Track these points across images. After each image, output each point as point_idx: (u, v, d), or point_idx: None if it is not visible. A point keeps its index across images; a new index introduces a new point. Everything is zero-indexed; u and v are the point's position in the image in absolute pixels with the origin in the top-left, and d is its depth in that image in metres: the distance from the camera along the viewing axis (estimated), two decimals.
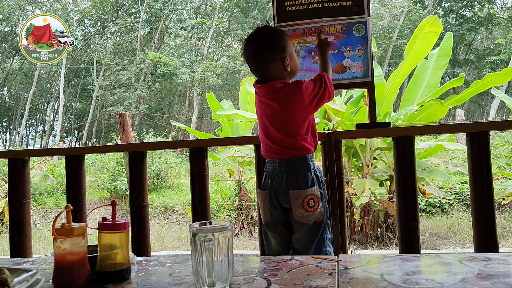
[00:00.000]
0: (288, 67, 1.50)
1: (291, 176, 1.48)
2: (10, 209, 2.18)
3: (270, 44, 1.49)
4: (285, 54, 1.49)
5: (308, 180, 1.47)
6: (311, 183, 1.47)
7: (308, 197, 1.46)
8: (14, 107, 26.48)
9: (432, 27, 4.10)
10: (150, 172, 8.90)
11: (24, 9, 21.55)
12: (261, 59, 1.50)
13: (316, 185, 1.47)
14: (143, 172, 2.05)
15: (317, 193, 1.47)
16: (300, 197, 1.45)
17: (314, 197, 1.46)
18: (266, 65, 1.50)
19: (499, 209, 5.86)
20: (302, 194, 1.45)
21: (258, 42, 1.51)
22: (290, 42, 1.54)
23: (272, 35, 1.51)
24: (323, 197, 1.49)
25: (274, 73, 1.50)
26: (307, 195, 1.45)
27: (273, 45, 1.49)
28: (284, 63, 1.49)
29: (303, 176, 1.47)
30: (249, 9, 24.08)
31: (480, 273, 0.90)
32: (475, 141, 1.69)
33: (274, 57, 1.48)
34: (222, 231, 0.87)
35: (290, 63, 1.50)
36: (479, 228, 1.68)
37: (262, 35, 1.51)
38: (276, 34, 1.51)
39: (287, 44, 1.51)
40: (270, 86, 1.50)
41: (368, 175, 4.59)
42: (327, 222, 1.50)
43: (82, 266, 0.93)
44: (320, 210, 1.47)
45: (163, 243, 5.41)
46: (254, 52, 1.51)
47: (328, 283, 0.87)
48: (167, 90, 24.15)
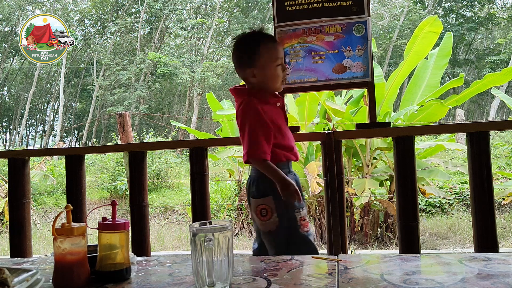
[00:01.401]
0: (254, 79, 1.50)
1: (251, 183, 1.53)
2: (10, 209, 2.18)
3: (240, 51, 1.52)
4: (252, 65, 1.48)
5: (260, 189, 1.49)
6: (264, 193, 1.47)
7: (260, 206, 1.47)
8: (14, 107, 26.48)
9: (432, 27, 4.09)
10: (150, 172, 8.90)
11: (24, 9, 21.55)
12: (234, 63, 1.55)
13: (270, 196, 1.46)
14: (143, 172, 2.05)
15: (270, 203, 1.46)
16: (254, 205, 1.49)
17: (266, 207, 1.46)
18: (237, 70, 1.55)
19: (499, 209, 5.86)
20: (255, 202, 1.49)
21: (235, 46, 1.55)
22: (269, 53, 1.49)
23: (247, 42, 1.52)
24: (281, 207, 1.46)
25: (244, 79, 1.55)
26: (259, 204, 1.48)
27: (243, 54, 1.51)
28: (247, 73, 1.50)
29: (257, 186, 1.50)
30: (249, 9, 24.08)
31: (480, 273, 0.90)
32: (475, 141, 1.69)
33: (240, 65, 1.52)
34: (222, 231, 0.87)
35: (258, 75, 1.49)
36: (479, 228, 1.67)
37: (241, 40, 1.54)
38: (253, 41, 1.51)
39: (260, 55, 1.48)
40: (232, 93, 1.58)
41: (368, 175, 4.59)
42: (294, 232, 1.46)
43: (82, 266, 0.93)
44: (273, 220, 1.45)
45: (163, 243, 5.41)
46: (232, 54, 1.57)
47: (328, 283, 0.87)
48: (167, 90, 24.15)
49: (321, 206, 4.84)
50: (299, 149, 5.08)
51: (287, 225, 1.46)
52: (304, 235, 1.48)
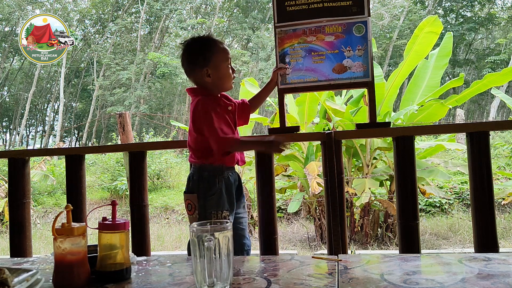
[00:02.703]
0: (209, 78, 1.57)
1: (187, 179, 1.64)
2: (10, 209, 2.18)
3: (193, 52, 1.58)
4: (205, 65, 1.55)
5: (189, 186, 1.60)
6: (191, 190, 1.58)
7: (187, 201, 1.59)
8: (14, 107, 26.47)
9: (432, 27, 4.09)
10: (150, 172, 8.89)
11: (24, 9, 21.54)
12: (186, 65, 1.62)
13: (195, 194, 1.56)
14: (143, 172, 2.05)
15: (194, 200, 1.56)
16: (184, 199, 1.61)
17: (191, 202, 1.57)
18: (189, 72, 1.61)
19: (499, 209, 5.86)
20: (184, 196, 1.61)
21: (186, 50, 1.61)
22: (220, 54, 1.58)
23: (199, 44, 1.59)
24: (202, 206, 1.54)
25: (196, 81, 1.61)
26: (186, 199, 1.59)
27: (196, 54, 1.58)
28: (202, 73, 1.56)
29: (188, 182, 1.62)
30: (249, 9, 24.07)
31: (480, 273, 0.90)
32: (475, 141, 1.69)
33: (194, 65, 1.58)
34: (222, 231, 0.87)
35: (213, 75, 1.56)
36: (479, 228, 1.68)
37: (190, 43, 1.61)
38: (204, 44, 1.58)
39: (213, 55, 1.56)
40: (188, 92, 1.64)
41: (368, 175, 4.59)
42: None
43: (82, 266, 0.93)
44: (195, 216, 1.55)
45: (163, 243, 5.41)
46: (182, 58, 1.62)
47: (328, 283, 0.87)
48: (167, 90, 24.13)
49: (321, 206, 4.84)
50: (299, 149, 5.08)
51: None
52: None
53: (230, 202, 1.58)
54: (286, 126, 1.92)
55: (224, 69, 1.58)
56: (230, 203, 1.59)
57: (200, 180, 1.56)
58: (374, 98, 1.83)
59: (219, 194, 1.56)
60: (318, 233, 4.96)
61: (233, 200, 1.60)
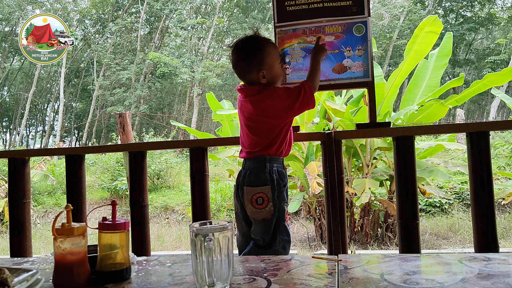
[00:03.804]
0: (264, 79, 1.58)
1: (248, 173, 1.60)
2: (10, 209, 2.18)
3: (248, 56, 1.58)
4: (261, 67, 1.56)
5: (260, 179, 1.57)
6: (263, 182, 1.56)
7: (257, 194, 1.56)
8: (14, 107, 26.47)
9: (432, 27, 4.09)
10: (150, 172, 8.89)
11: (24, 9, 21.55)
12: (241, 68, 1.61)
13: (269, 185, 1.55)
14: (143, 172, 2.05)
15: (268, 193, 1.55)
16: (249, 194, 1.57)
17: (263, 195, 1.55)
18: (244, 74, 1.61)
19: (499, 209, 5.86)
20: (251, 191, 1.56)
21: (238, 52, 1.60)
22: (272, 55, 1.59)
23: (252, 47, 1.59)
24: (276, 198, 1.56)
25: (252, 82, 1.61)
26: (256, 193, 1.56)
27: (251, 58, 1.57)
28: (259, 74, 1.57)
29: (256, 175, 1.58)
30: (249, 9, 24.07)
31: (480, 273, 0.90)
32: (475, 141, 1.69)
33: (250, 68, 1.58)
34: (222, 231, 0.87)
35: (268, 75, 1.58)
36: (479, 228, 1.67)
37: (243, 45, 1.61)
38: (257, 46, 1.59)
39: (266, 57, 1.57)
40: (248, 90, 1.62)
41: (368, 175, 4.59)
42: (281, 223, 1.58)
43: (82, 266, 0.93)
44: (269, 209, 1.55)
45: (163, 243, 5.41)
46: (235, 61, 1.62)
47: (328, 283, 0.87)
48: (167, 90, 24.14)
49: (321, 206, 4.84)
50: (299, 149, 5.08)
51: (277, 215, 1.57)
52: (287, 227, 1.60)
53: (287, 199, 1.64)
54: None
55: (277, 69, 1.61)
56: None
57: (273, 172, 1.58)
58: (374, 98, 1.83)
59: (287, 187, 1.62)
60: (318, 233, 4.96)
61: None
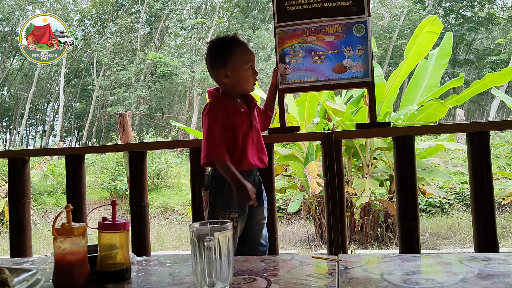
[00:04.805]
0: (227, 79, 1.58)
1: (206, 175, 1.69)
2: (10, 209, 2.18)
3: (214, 52, 1.61)
4: (225, 65, 1.57)
5: (205, 183, 1.66)
6: (205, 186, 1.64)
7: (203, 197, 1.65)
8: (14, 107, 26.46)
9: (432, 27, 4.09)
10: (150, 172, 8.89)
11: (24, 9, 21.54)
12: (208, 64, 1.63)
13: (208, 191, 1.61)
14: (143, 172, 2.05)
15: (206, 197, 1.61)
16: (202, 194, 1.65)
17: (205, 199, 1.62)
18: (210, 72, 1.64)
19: (499, 209, 5.85)
20: (201, 192, 1.65)
21: (208, 49, 1.64)
22: (240, 56, 1.59)
23: (220, 45, 1.61)
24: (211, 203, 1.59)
25: (216, 81, 1.64)
26: (202, 195, 1.65)
27: (216, 54, 1.59)
28: (220, 72, 1.57)
29: (206, 179, 1.67)
30: (249, 9, 24.06)
31: (480, 273, 0.90)
32: (475, 141, 1.69)
33: (214, 65, 1.60)
34: (222, 231, 0.87)
35: (231, 76, 1.58)
36: (479, 228, 1.67)
37: (213, 43, 1.63)
38: (226, 44, 1.60)
39: (232, 56, 1.57)
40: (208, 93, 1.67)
41: (368, 175, 4.59)
42: None
43: (82, 266, 0.93)
44: (207, 213, 1.61)
45: (163, 243, 5.41)
46: (205, 57, 1.65)
47: (328, 283, 0.87)
48: (167, 90, 24.14)
49: (321, 206, 4.83)
50: (299, 149, 5.08)
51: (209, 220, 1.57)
52: None
53: (240, 205, 1.57)
54: (286, 126, 1.92)
55: (242, 72, 1.59)
56: (241, 206, 1.58)
57: (213, 178, 1.60)
58: (374, 98, 1.83)
59: (228, 195, 1.55)
60: (318, 233, 4.96)
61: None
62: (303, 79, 1.86)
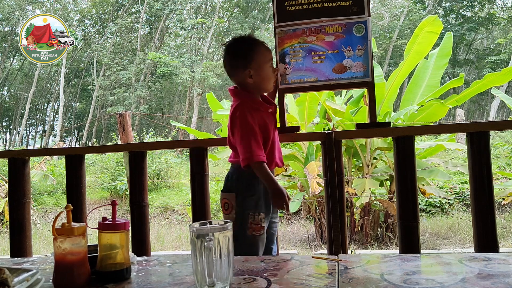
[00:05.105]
0: (251, 80, 1.56)
1: (225, 178, 1.63)
2: (10, 209, 2.18)
3: (236, 53, 1.59)
4: (248, 65, 1.55)
5: (228, 185, 1.60)
6: (229, 189, 1.59)
7: (224, 200, 1.59)
8: (14, 107, 26.47)
9: (432, 27, 4.09)
10: (150, 172, 8.89)
11: (24, 9, 21.54)
12: (229, 65, 1.61)
13: (234, 193, 1.56)
14: (143, 172, 2.05)
15: (232, 200, 1.55)
16: (220, 198, 1.61)
17: (229, 201, 1.57)
18: (231, 72, 1.62)
19: (499, 209, 5.85)
20: (221, 196, 1.61)
21: (228, 49, 1.61)
22: (262, 55, 1.57)
23: (241, 45, 1.59)
24: (239, 206, 1.54)
25: (238, 82, 1.61)
26: (223, 198, 1.59)
27: (238, 55, 1.57)
28: (244, 73, 1.55)
29: (226, 181, 1.62)
30: (249, 9, 24.06)
31: (480, 273, 0.90)
32: (475, 141, 1.69)
33: (237, 66, 1.58)
34: (222, 231, 0.87)
35: (255, 76, 1.56)
36: (479, 228, 1.67)
37: (233, 43, 1.62)
38: (247, 44, 1.58)
39: (255, 56, 1.56)
40: (230, 93, 1.65)
41: (368, 175, 4.59)
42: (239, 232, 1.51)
43: (82, 266, 0.93)
44: (232, 216, 1.55)
45: (163, 243, 5.41)
46: (224, 58, 1.63)
47: (328, 283, 0.87)
48: (167, 90, 24.14)
49: (321, 206, 4.83)
50: (299, 149, 5.08)
51: (238, 223, 1.54)
52: (249, 237, 1.55)
53: (267, 205, 1.57)
54: (286, 126, 1.92)
55: (266, 70, 1.58)
56: (267, 206, 1.58)
57: (240, 179, 1.56)
58: (374, 98, 1.83)
59: (258, 196, 1.55)
60: (318, 233, 4.96)
61: (270, 203, 1.59)
62: (303, 79, 1.86)
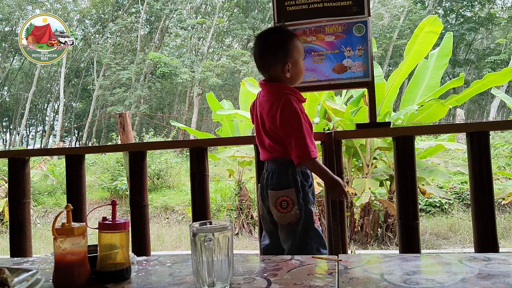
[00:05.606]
0: (289, 74, 1.49)
1: (271, 176, 1.52)
2: (10, 209, 2.18)
3: (275, 46, 1.50)
4: (287, 59, 1.48)
5: (283, 181, 1.49)
6: (286, 185, 1.48)
7: (281, 198, 1.48)
8: (14, 107, 26.47)
9: (432, 27, 4.09)
10: (150, 172, 8.89)
11: (24, 9, 21.55)
12: (265, 59, 1.52)
13: (293, 188, 1.47)
14: (143, 172, 2.05)
15: (292, 196, 1.47)
16: (273, 197, 1.50)
17: (288, 199, 1.47)
18: (268, 66, 1.52)
19: (499, 209, 5.86)
20: (275, 194, 1.49)
21: (264, 42, 1.53)
22: (299, 49, 1.51)
23: (280, 37, 1.51)
24: (301, 201, 1.48)
25: (274, 75, 1.52)
26: (279, 196, 1.48)
27: (278, 48, 1.49)
28: (284, 67, 1.49)
29: (279, 178, 1.50)
30: (249, 9, 24.06)
31: (480, 273, 0.90)
32: (475, 141, 1.69)
33: (276, 60, 1.49)
34: (222, 231, 0.87)
35: (292, 70, 1.49)
36: (479, 228, 1.67)
37: (270, 35, 1.53)
38: (286, 36, 1.50)
39: (294, 50, 1.49)
40: (264, 86, 1.54)
41: (368, 175, 4.59)
42: (310, 227, 1.49)
43: (82, 266, 0.93)
44: (294, 213, 1.47)
45: (163, 243, 5.41)
46: (260, 51, 1.53)
47: (328, 283, 0.87)
48: (167, 90, 24.14)
49: (321, 206, 4.83)
50: None
51: (304, 218, 1.49)
52: (317, 229, 1.51)
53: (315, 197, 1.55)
54: None
55: (302, 65, 1.53)
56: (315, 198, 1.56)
57: (296, 173, 1.49)
58: (374, 98, 1.83)
59: (313, 188, 1.53)
60: None
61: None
62: (303, 79, 1.85)
